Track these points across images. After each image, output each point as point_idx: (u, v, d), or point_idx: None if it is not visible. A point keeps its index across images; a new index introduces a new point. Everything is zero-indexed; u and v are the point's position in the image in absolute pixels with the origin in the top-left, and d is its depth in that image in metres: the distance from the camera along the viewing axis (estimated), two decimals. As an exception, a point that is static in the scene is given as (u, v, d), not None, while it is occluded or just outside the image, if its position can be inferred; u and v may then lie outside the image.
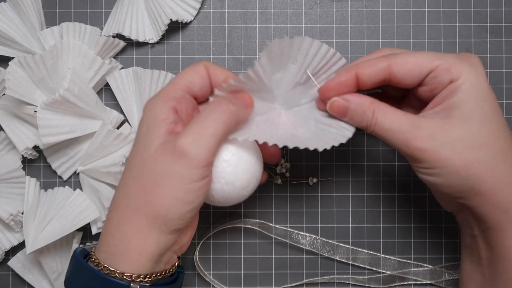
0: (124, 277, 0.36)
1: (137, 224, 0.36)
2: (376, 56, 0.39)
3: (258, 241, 0.49)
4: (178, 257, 0.41)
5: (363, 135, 0.49)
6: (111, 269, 0.36)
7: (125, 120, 0.49)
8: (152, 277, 0.37)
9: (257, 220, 0.49)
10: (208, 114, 0.36)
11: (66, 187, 0.48)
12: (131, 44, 0.49)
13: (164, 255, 0.38)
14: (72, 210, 0.46)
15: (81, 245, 0.44)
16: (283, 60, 0.38)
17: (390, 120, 0.37)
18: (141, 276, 0.36)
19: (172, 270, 0.40)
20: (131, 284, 0.36)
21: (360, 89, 0.39)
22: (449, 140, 0.35)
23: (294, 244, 0.49)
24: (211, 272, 0.49)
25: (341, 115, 0.39)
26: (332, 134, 0.40)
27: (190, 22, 0.49)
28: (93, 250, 0.38)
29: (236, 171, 0.38)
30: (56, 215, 0.46)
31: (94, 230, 0.47)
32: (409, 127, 0.36)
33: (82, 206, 0.47)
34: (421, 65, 0.36)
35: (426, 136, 0.36)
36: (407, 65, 0.36)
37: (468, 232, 0.40)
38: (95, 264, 0.37)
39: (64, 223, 0.46)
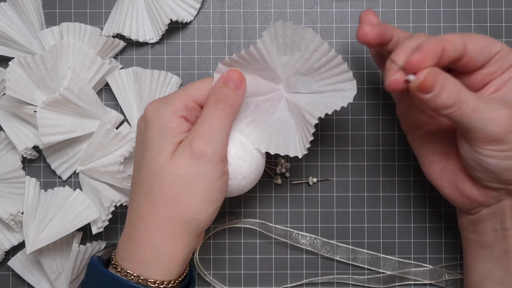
0: (156, 284, 0.36)
1: (169, 232, 0.36)
2: (415, 40, 0.36)
3: (258, 241, 0.49)
4: None
5: (363, 135, 0.49)
6: (142, 278, 0.36)
7: (125, 120, 0.49)
8: (178, 280, 0.38)
9: (257, 220, 0.49)
10: (212, 112, 0.37)
11: (66, 187, 0.48)
12: (131, 44, 0.49)
13: (188, 257, 0.39)
14: (72, 210, 0.46)
15: (95, 253, 0.43)
16: (288, 44, 0.38)
17: (477, 99, 0.35)
18: (171, 282, 0.37)
19: (185, 270, 0.40)
20: None
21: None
22: None
23: (294, 244, 0.49)
24: (211, 272, 0.49)
25: (427, 91, 0.34)
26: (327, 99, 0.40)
27: (190, 22, 0.49)
28: (113, 259, 0.38)
29: (251, 165, 0.40)
30: (56, 215, 0.46)
31: (94, 230, 0.46)
32: (496, 105, 0.35)
33: (82, 206, 0.47)
34: (491, 45, 0.36)
35: None
36: (481, 44, 0.36)
37: (493, 228, 0.39)
38: (123, 274, 0.37)
39: (64, 223, 0.46)
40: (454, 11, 0.49)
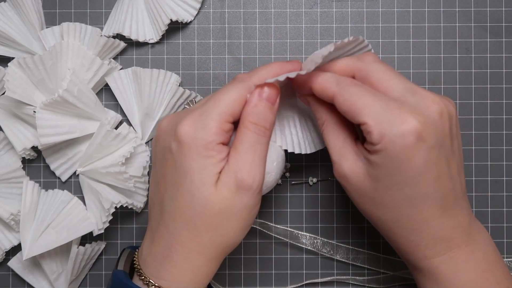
0: None
1: (209, 257, 0.38)
2: (355, 63, 0.38)
3: (258, 241, 0.49)
4: None
5: (363, 135, 0.49)
6: None
7: (124, 120, 0.49)
8: None
9: (257, 220, 0.49)
10: (254, 138, 0.37)
11: (65, 191, 0.48)
12: (131, 44, 0.49)
13: None
14: (69, 219, 0.46)
15: (116, 267, 0.42)
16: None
17: (328, 142, 0.39)
18: None
19: None
20: None
21: None
22: (357, 189, 0.37)
23: (294, 244, 0.49)
24: (211, 272, 0.49)
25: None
26: (311, 138, 0.43)
27: (190, 22, 0.49)
28: (143, 275, 0.38)
29: (275, 178, 0.41)
30: (53, 222, 0.46)
31: (94, 232, 0.46)
32: (337, 158, 0.38)
33: (78, 217, 0.47)
34: (354, 113, 0.35)
35: (343, 174, 0.37)
36: (344, 107, 0.36)
37: None
38: None
39: (60, 232, 0.46)
40: (454, 11, 0.49)
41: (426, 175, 0.35)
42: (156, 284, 0.37)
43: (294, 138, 0.42)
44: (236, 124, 0.38)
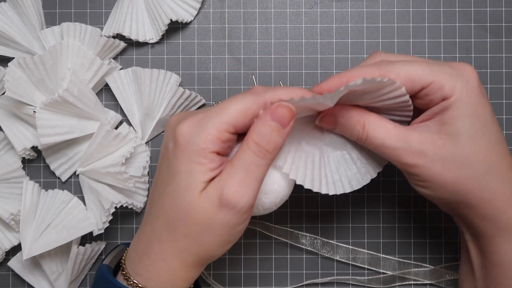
0: None
1: (185, 262, 0.37)
2: (369, 62, 0.38)
3: (258, 241, 0.49)
4: None
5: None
6: None
7: (124, 120, 0.49)
8: None
9: (257, 220, 0.49)
10: (251, 157, 0.35)
11: (65, 191, 0.48)
12: (131, 44, 0.49)
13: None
14: (69, 219, 0.46)
15: (102, 261, 0.42)
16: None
17: (381, 136, 0.37)
18: None
19: None
20: None
21: None
22: (439, 157, 0.36)
23: (294, 244, 0.49)
24: (211, 272, 0.49)
25: (331, 128, 0.39)
26: (350, 175, 0.40)
27: (190, 22, 0.49)
28: (125, 270, 0.38)
29: (275, 200, 0.39)
30: (53, 222, 0.46)
31: (94, 232, 0.46)
32: (400, 143, 0.36)
33: (78, 217, 0.46)
34: (413, 80, 0.35)
35: (417, 152, 0.36)
36: (399, 80, 0.35)
37: (462, 236, 0.41)
38: (134, 286, 0.38)
39: (60, 232, 0.46)
40: (454, 11, 0.49)
41: (494, 120, 0.36)
42: (134, 280, 0.37)
43: (308, 172, 0.39)
44: (243, 136, 0.36)
